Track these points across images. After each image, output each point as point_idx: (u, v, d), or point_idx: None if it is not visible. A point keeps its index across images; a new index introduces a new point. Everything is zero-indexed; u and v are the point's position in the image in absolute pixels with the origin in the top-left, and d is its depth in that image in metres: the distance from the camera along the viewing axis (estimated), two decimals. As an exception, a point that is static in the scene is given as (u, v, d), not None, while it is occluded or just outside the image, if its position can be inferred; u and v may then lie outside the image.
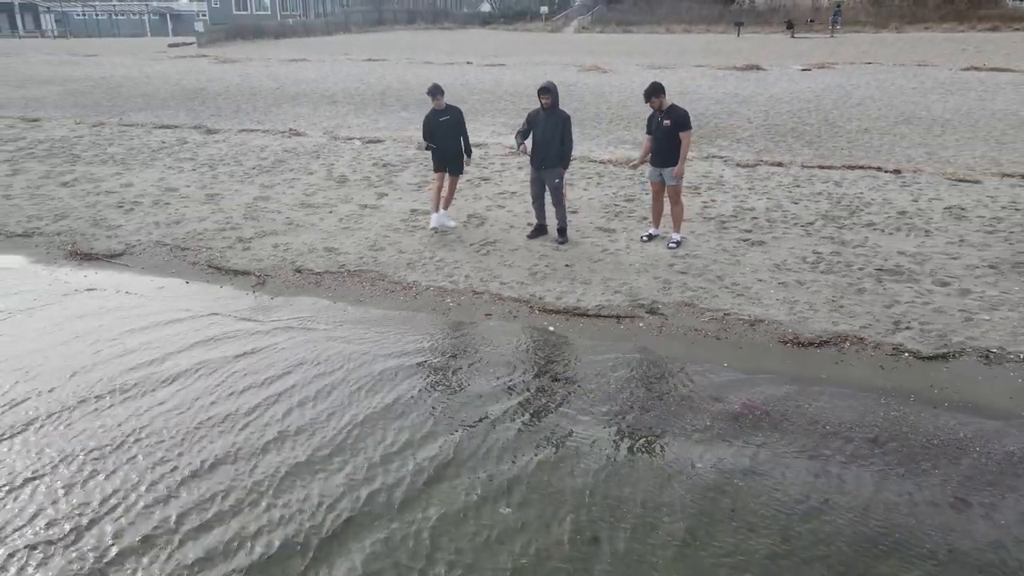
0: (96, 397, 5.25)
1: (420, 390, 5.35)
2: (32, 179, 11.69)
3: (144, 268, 8.09)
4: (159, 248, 8.63)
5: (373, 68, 25.95)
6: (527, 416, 5.00)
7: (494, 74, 22.97)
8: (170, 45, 39.22)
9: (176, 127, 15.45)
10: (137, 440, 4.71)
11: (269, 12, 71.46)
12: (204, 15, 73.21)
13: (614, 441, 4.70)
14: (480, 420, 4.94)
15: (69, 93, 21.03)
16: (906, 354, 5.82)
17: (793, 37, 40.33)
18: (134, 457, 4.53)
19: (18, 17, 78.98)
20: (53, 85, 22.71)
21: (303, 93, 19.96)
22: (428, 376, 5.57)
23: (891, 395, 5.24)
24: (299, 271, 7.79)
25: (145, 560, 3.70)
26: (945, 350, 5.86)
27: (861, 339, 6.06)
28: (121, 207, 10.19)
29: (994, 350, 5.82)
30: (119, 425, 4.88)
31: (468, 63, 26.85)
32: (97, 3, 75.10)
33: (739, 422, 4.93)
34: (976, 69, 20.50)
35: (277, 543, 3.80)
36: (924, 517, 3.96)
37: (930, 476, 4.33)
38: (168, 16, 75.92)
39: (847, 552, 3.71)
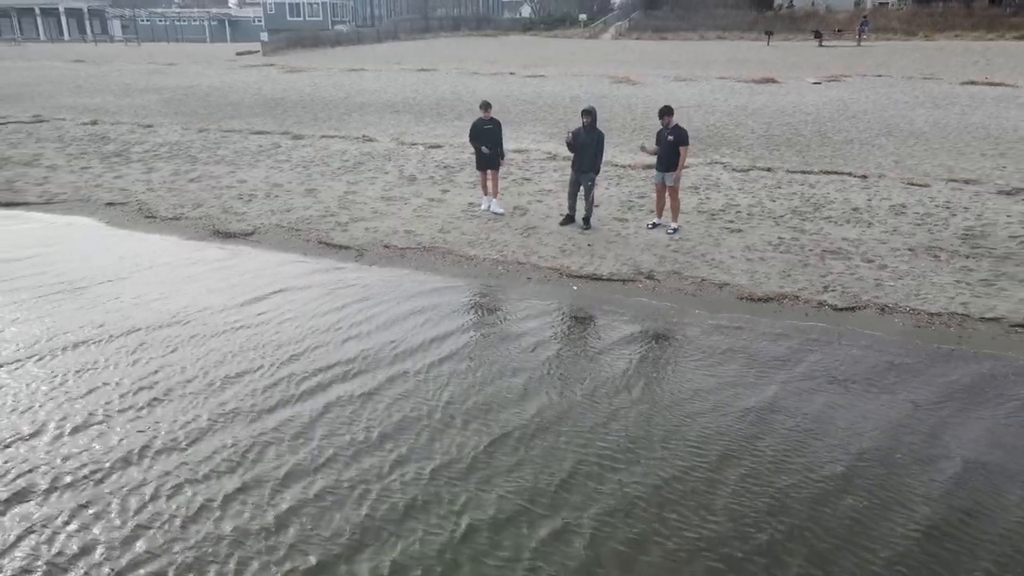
0: (279, 321, 8.00)
1: (485, 320, 7.99)
2: (165, 176, 14.67)
3: (271, 244, 10.86)
4: (278, 229, 11.42)
5: (426, 79, 28.81)
6: (560, 337, 7.59)
7: (534, 85, 25.63)
8: (238, 53, 42.71)
9: (268, 133, 18.42)
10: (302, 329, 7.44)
11: (320, 19, 75.35)
12: (260, 21, 77.42)
13: (620, 347, 7.27)
14: (524, 337, 7.54)
15: (167, 101, 24.28)
16: (826, 307, 8.26)
17: (821, 46, 42.02)
18: (312, 334, 7.25)
19: (87, 23, 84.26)
20: (151, 94, 26.04)
21: (368, 103, 22.87)
22: (488, 313, 8.21)
23: (808, 331, 7.69)
24: (387, 247, 10.49)
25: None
26: (854, 304, 8.28)
27: (797, 297, 8.51)
28: (241, 198, 13.04)
29: (889, 305, 8.22)
30: (297, 327, 7.62)
31: (511, 73, 29.55)
32: (161, 10, 79.73)
33: (699, 340, 7.46)
34: (973, 83, 22.44)
35: (411, 405, 6.44)
36: (814, 387, 6.45)
37: (815, 365, 6.81)
38: (227, 22, 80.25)
39: (756, 400, 6.22)
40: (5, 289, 8.81)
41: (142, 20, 78.48)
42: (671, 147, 10.29)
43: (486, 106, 11.38)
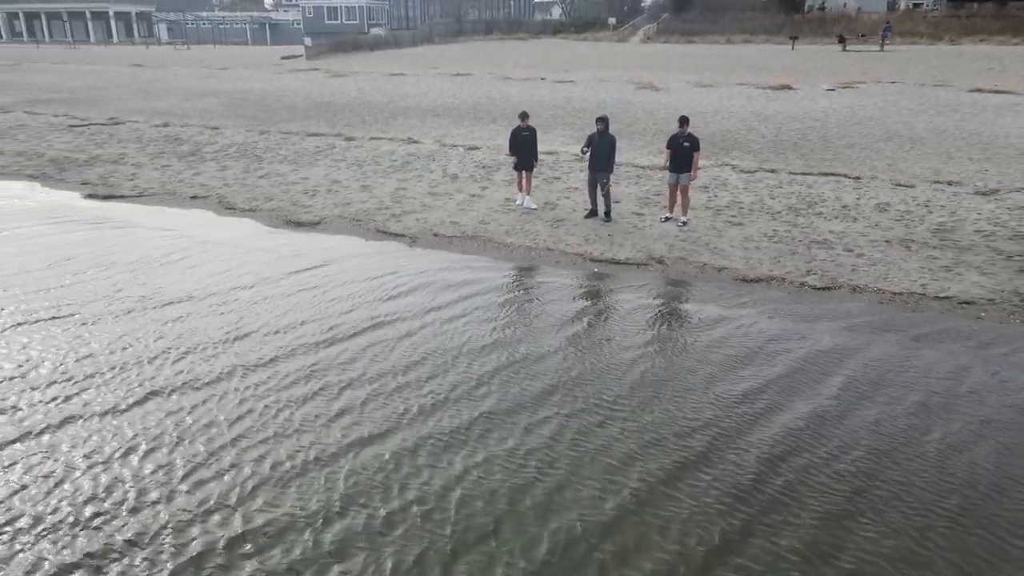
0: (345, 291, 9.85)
1: (520, 289, 9.76)
2: (236, 173, 16.67)
3: (336, 232, 12.74)
4: (341, 220, 13.29)
5: (462, 84, 30.69)
6: (584, 304, 9.34)
7: (564, 91, 27.35)
8: (283, 57, 45.08)
9: (322, 135, 20.41)
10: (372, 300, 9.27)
11: (357, 22, 77.76)
12: (299, 24, 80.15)
13: (634, 312, 8.99)
14: (553, 301, 9.29)
15: (227, 105, 26.47)
16: (806, 286, 9.88)
17: (845, 50, 43.11)
18: (371, 300, 9.07)
19: (135, 26, 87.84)
20: (211, 98, 28.28)
21: (411, 107, 24.79)
22: (523, 285, 9.98)
23: (787, 302, 9.33)
24: (436, 235, 12.30)
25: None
26: (830, 285, 9.88)
27: (783, 279, 10.13)
28: (306, 193, 14.97)
29: (860, 286, 9.81)
30: (371, 303, 9.45)
31: (542, 79, 31.30)
32: (205, 14, 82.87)
33: (696, 309, 9.16)
34: (979, 91, 23.65)
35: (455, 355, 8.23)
36: (791, 337, 8.12)
37: (798, 326, 8.46)
38: (267, 25, 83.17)
39: (745, 347, 7.90)
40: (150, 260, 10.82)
41: (187, 23, 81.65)
42: (687, 153, 11.93)
43: (524, 116, 13.15)
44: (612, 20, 65.72)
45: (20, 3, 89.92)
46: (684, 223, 12.19)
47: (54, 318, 8.71)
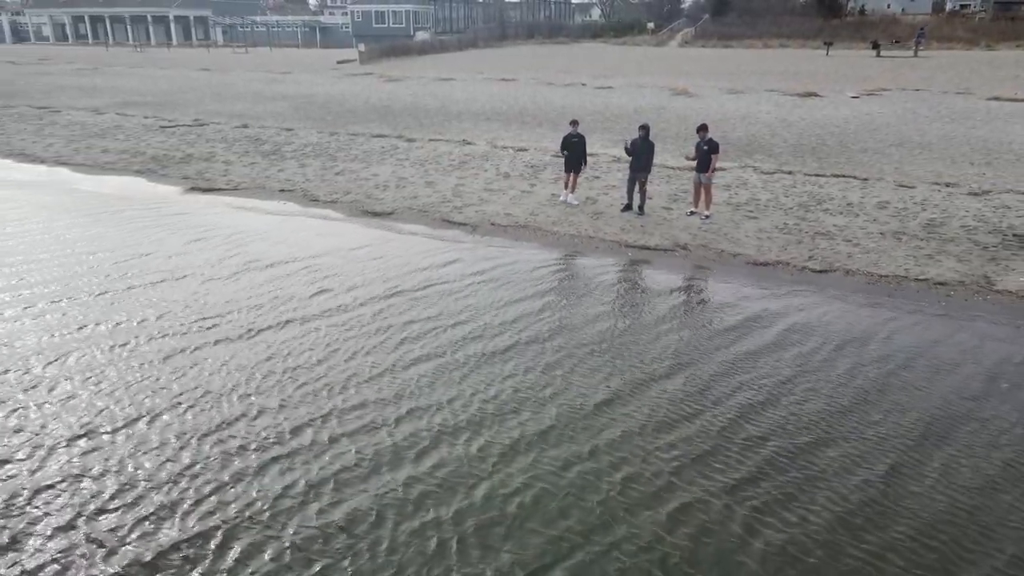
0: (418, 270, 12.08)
1: (565, 267, 11.88)
2: (316, 170, 19.07)
3: (407, 221, 14.99)
4: (410, 211, 15.54)
5: (508, 89, 32.91)
6: (618, 277, 11.41)
7: (603, 97, 29.37)
8: (339, 62, 47.85)
9: (386, 136, 22.78)
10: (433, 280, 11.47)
11: (403, 25, 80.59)
12: (347, 28, 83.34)
13: (658, 284, 11.05)
14: (592, 276, 11.39)
15: (295, 108, 29.09)
16: (806, 269, 11.80)
17: (879, 56, 44.21)
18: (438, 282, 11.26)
19: (192, 29, 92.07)
20: (279, 101, 30.97)
21: (462, 111, 27.08)
22: (568, 264, 12.09)
23: (791, 282, 11.28)
24: (493, 224, 14.45)
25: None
26: (827, 268, 11.79)
27: (787, 263, 12.07)
28: (378, 188, 17.27)
29: (852, 269, 11.70)
30: (436, 281, 11.66)
31: (582, 85, 33.34)
32: (259, 18, 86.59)
33: (722, 292, 11.17)
34: (997, 99, 25.00)
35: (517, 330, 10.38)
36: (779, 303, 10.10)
37: (794, 299, 10.43)
38: (317, 28, 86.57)
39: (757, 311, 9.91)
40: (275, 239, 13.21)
41: (241, 27, 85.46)
42: (706, 156, 13.90)
43: (574, 123, 15.19)
44: (651, 25, 67.32)
45: (86, 7, 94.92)
46: (707, 216, 14.16)
47: (212, 279, 11.11)
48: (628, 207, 14.75)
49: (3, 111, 30.50)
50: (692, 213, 14.43)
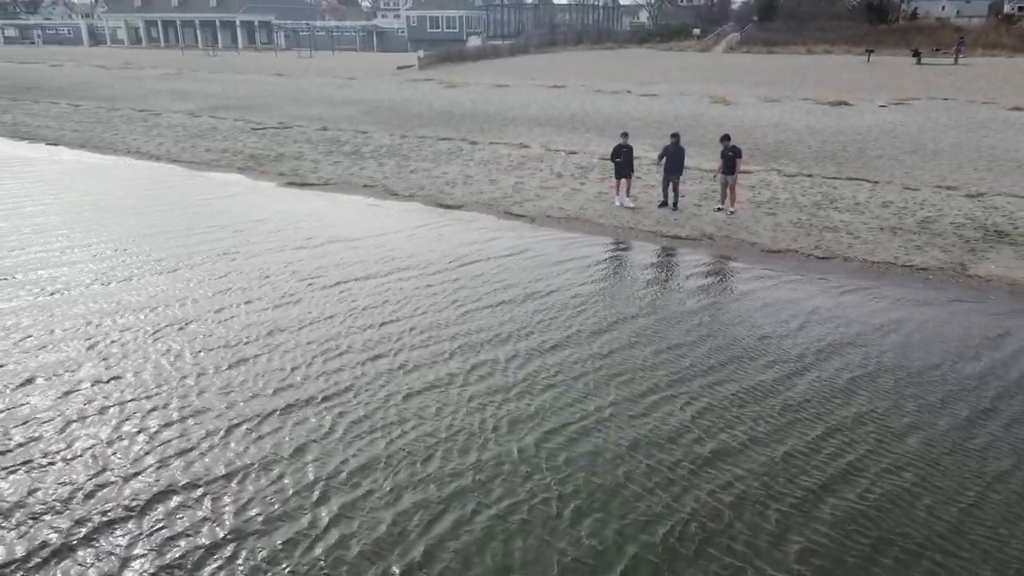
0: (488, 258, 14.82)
1: (611, 251, 14.50)
2: (392, 168, 22.02)
3: (476, 212, 17.76)
4: (477, 204, 18.30)
5: (559, 96, 35.60)
6: (654, 260, 13.99)
7: (646, 104, 31.83)
8: (399, 67, 51.20)
9: (451, 139, 25.68)
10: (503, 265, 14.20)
11: (456, 30, 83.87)
12: (403, 32, 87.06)
13: (686, 265, 13.60)
14: (633, 258, 13.99)
15: (366, 112, 32.27)
16: (812, 257, 14.19)
17: (919, 63, 45.48)
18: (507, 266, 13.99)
19: (256, 33, 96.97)
20: (351, 106, 34.23)
21: (518, 117, 29.85)
22: (612, 249, 14.71)
23: (799, 269, 13.70)
24: (548, 217, 17.12)
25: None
26: (829, 256, 14.15)
27: (796, 251, 14.46)
28: (448, 184, 20.09)
29: (850, 257, 14.03)
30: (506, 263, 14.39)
31: (628, 92, 35.81)
32: (319, 23, 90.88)
33: (736, 271, 13.68)
34: (1018, 109, 26.63)
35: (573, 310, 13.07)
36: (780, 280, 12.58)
37: (794, 277, 12.88)
38: (374, 33, 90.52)
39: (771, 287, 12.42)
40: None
41: (302, 31, 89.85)
42: (732, 160, 16.35)
43: (624, 135, 17.64)
44: (696, 31, 69.16)
45: (159, 12, 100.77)
46: (732, 212, 16.60)
47: (330, 242, 14.04)
48: (664, 204, 17.27)
49: (111, 113, 34.43)
50: (719, 209, 16.89)
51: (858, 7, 79.87)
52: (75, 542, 6.06)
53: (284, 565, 5.83)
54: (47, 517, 6.35)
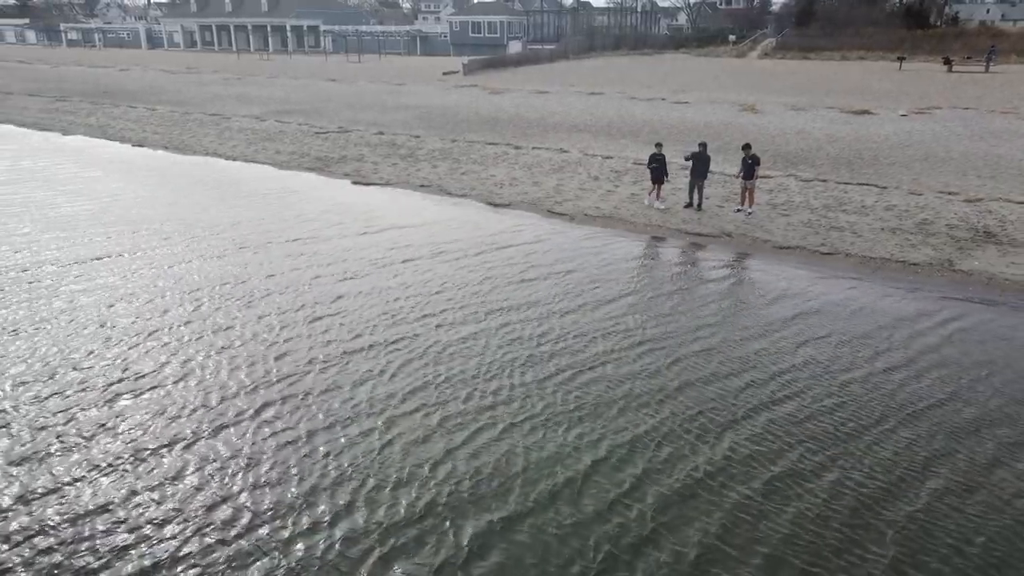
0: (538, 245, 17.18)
1: (641, 245, 16.74)
2: (445, 170, 24.50)
3: (522, 210, 20.10)
4: (523, 203, 20.64)
5: (597, 103, 37.82)
6: (680, 252, 16.21)
7: (679, 112, 33.88)
8: (444, 73, 53.91)
9: (497, 144, 28.10)
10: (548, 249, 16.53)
11: (498, 35, 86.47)
12: (446, 37, 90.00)
13: (707, 257, 15.80)
14: (661, 251, 16.21)
15: (417, 118, 34.90)
16: (816, 253, 16.24)
17: (951, 71, 46.56)
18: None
19: (305, 38, 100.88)
20: (402, 111, 36.92)
21: (559, 123, 32.17)
22: (642, 244, 16.95)
23: (806, 263, 15.78)
24: (586, 215, 19.40)
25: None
26: (832, 252, 16.20)
27: (803, 248, 16.52)
28: (496, 185, 22.49)
29: (852, 253, 16.05)
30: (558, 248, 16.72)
31: (662, 99, 37.87)
32: (365, 27, 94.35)
33: (744, 260, 15.83)
34: (1033, 119, 28.09)
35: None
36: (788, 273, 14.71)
37: (799, 270, 15.00)
38: (418, 38, 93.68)
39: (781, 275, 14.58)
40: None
41: (349, 36, 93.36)
42: (750, 167, 18.45)
43: (658, 145, 19.81)
44: (732, 37, 70.61)
45: (214, 17, 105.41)
46: (750, 213, 18.69)
47: (400, 227, 16.55)
48: (689, 204, 19.43)
49: (184, 117, 37.67)
50: (739, 210, 18.99)
51: (897, 11, 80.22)
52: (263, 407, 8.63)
53: (356, 434, 8.28)
54: (239, 394, 8.92)
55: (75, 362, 10.39)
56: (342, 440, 8.52)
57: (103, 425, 8.77)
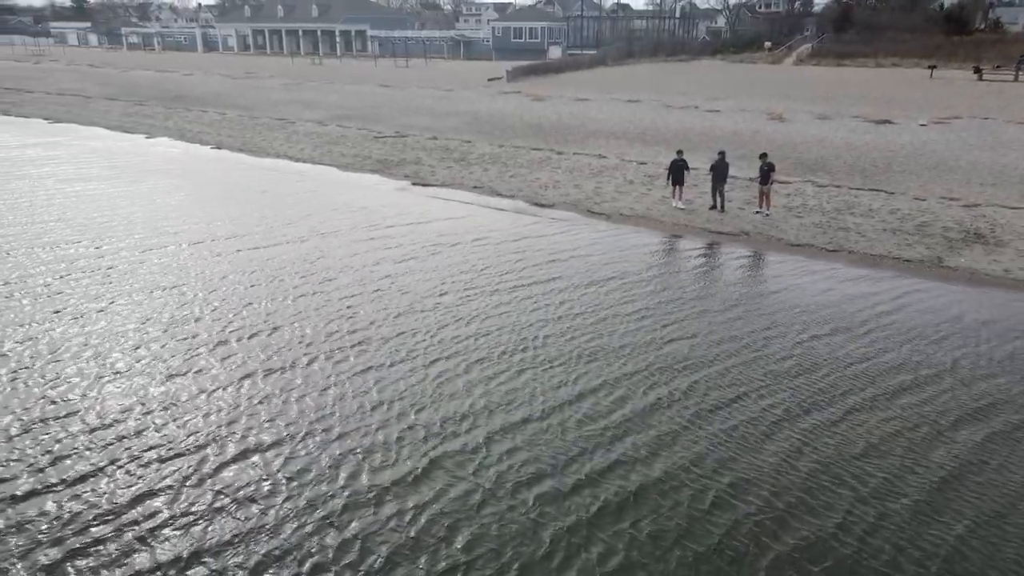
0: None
1: (673, 241, 19.29)
2: (495, 173, 27.27)
3: (565, 209, 22.74)
4: (565, 203, 23.29)
5: (633, 110, 40.29)
6: (702, 248, 18.72)
7: (710, 119, 36.16)
8: (489, 80, 56.81)
9: (540, 149, 30.80)
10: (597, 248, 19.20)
11: (538, 40, 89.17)
12: (488, 42, 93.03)
13: (727, 252, 18.30)
14: (685, 246, 18.75)
15: (466, 123, 37.80)
16: (823, 250, 18.59)
17: (981, 80, 47.81)
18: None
19: (353, 42, 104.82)
20: (453, 117, 39.87)
21: (598, 130, 34.75)
22: (670, 239, 19.50)
23: (813, 257, 18.17)
24: (622, 215, 21.97)
25: (611, 260, 18.09)
26: (837, 249, 18.54)
27: (811, 245, 18.89)
28: (541, 187, 25.18)
29: (855, 251, 18.38)
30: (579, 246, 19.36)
31: (695, 107, 40.15)
32: (410, 33, 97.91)
33: (764, 257, 18.30)
34: (1046, 130, 29.74)
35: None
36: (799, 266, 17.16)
37: (806, 263, 17.42)
38: (461, 43, 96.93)
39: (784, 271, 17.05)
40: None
41: (394, 41, 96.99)
42: (767, 173, 20.84)
43: (680, 152, 22.37)
44: (768, 44, 72.20)
45: (266, 23, 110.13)
46: (767, 214, 21.09)
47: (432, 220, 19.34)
48: (713, 207, 21.90)
49: (253, 121, 41.15)
50: (757, 212, 21.40)
51: (936, 17, 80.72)
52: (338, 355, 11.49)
53: (400, 376, 11.06)
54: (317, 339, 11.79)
55: (245, 304, 13.44)
56: (386, 376, 11.33)
57: (254, 351, 11.75)
